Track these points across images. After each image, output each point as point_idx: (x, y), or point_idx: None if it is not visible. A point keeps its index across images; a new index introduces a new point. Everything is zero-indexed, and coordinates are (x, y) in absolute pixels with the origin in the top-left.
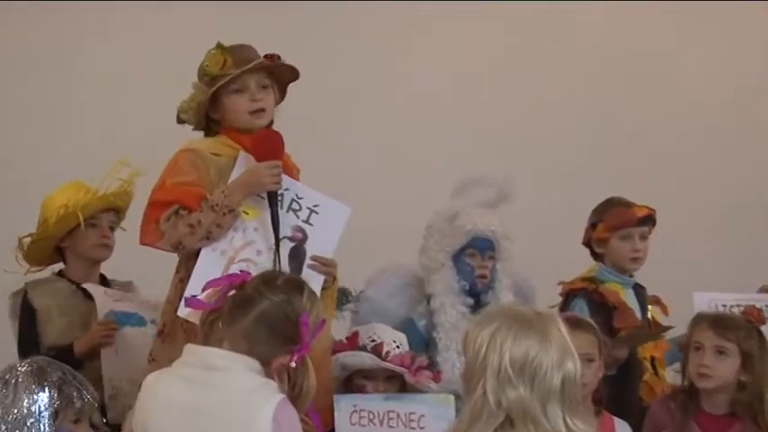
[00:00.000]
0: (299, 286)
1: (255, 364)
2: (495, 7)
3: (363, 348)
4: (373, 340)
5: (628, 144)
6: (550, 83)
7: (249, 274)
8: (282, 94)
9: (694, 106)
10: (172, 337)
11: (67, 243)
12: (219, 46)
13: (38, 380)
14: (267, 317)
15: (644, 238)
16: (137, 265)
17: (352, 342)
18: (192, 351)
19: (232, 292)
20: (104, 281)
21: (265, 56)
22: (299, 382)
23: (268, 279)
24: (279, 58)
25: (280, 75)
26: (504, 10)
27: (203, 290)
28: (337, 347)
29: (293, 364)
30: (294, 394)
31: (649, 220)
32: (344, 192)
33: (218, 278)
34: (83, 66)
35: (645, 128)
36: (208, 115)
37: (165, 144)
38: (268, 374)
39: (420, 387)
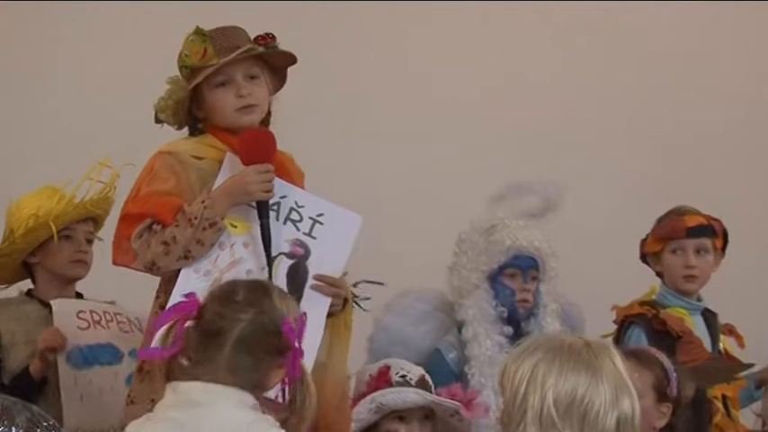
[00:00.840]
0: (263, 290)
1: (246, 396)
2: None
3: (401, 385)
4: (403, 375)
5: (696, 146)
6: (606, 75)
7: (195, 296)
8: (282, 79)
9: None
10: (152, 376)
11: (37, 258)
12: (199, 31)
13: (4, 422)
14: (245, 341)
15: (700, 252)
16: (119, 281)
17: (384, 378)
18: (174, 389)
19: (189, 323)
20: None
21: (256, 38)
22: (298, 397)
23: (227, 296)
24: (273, 38)
25: (274, 60)
26: (539, 5)
27: (157, 331)
28: (370, 387)
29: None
30: (292, 410)
31: (705, 231)
32: (356, 200)
33: (166, 312)
34: (60, 63)
35: (714, 127)
36: (192, 112)
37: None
38: (262, 400)
39: (460, 427)
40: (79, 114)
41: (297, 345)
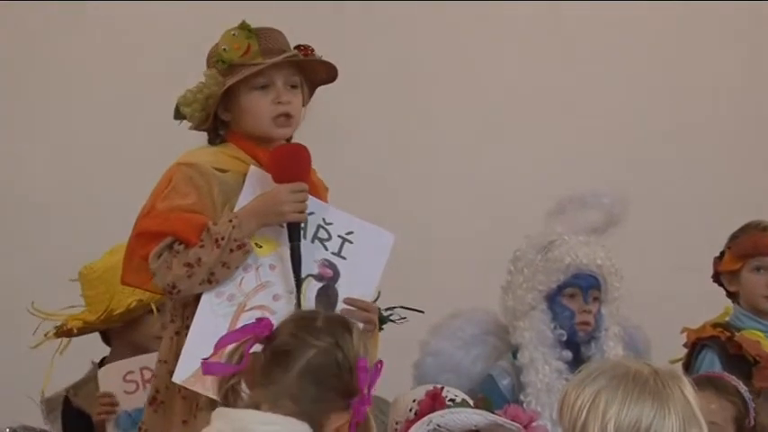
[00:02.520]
0: (345, 325)
1: (305, 428)
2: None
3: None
4: (451, 399)
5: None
6: (671, 80)
7: (269, 320)
8: (310, 95)
9: None
10: (168, 406)
11: (119, 328)
12: (245, 26)
13: None
14: (315, 369)
15: None
16: None
17: (439, 399)
18: (223, 415)
19: (257, 347)
20: None
21: (297, 47)
22: None
23: (305, 321)
24: (313, 51)
25: (312, 74)
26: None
27: (217, 348)
28: (424, 408)
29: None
30: None
31: None
32: (395, 215)
33: (236, 331)
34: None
35: None
36: (216, 115)
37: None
38: None
39: None
40: (85, 115)
41: (366, 390)
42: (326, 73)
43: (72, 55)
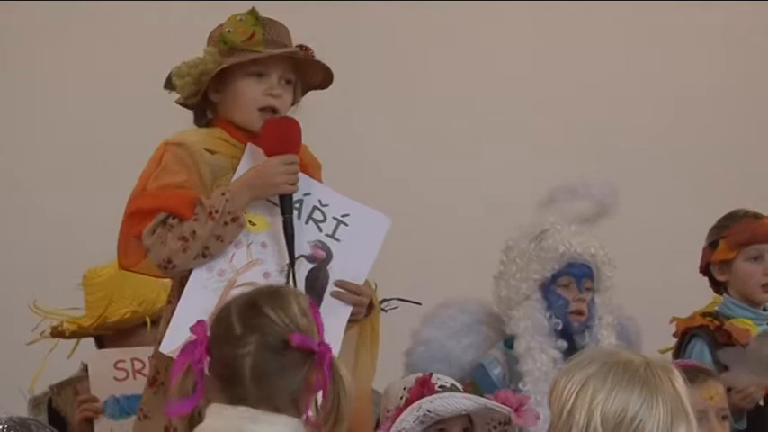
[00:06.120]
0: (255, 310)
1: (296, 424)
2: None
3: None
4: (442, 386)
5: (758, 146)
6: (662, 73)
7: (202, 326)
8: (302, 94)
9: None
10: (167, 387)
11: (113, 337)
12: (253, 13)
13: None
14: (260, 370)
15: None
16: None
17: (428, 385)
18: (218, 412)
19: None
20: None
21: (299, 46)
22: (333, 396)
23: (224, 334)
24: (313, 53)
25: (308, 76)
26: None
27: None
28: (413, 395)
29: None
30: (330, 410)
31: None
32: (386, 198)
33: (175, 364)
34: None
35: None
36: (205, 94)
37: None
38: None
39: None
40: (85, 115)
41: (316, 347)
42: (322, 77)
43: (72, 55)
